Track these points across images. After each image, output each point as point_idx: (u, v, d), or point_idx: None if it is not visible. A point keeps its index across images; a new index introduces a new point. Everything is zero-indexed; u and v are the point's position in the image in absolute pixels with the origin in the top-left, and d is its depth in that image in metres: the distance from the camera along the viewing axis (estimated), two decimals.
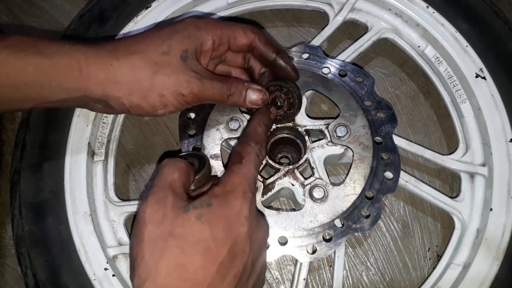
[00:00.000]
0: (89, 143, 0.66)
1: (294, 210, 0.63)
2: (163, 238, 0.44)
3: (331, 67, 0.68)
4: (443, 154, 0.67)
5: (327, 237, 0.60)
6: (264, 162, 0.63)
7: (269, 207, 0.62)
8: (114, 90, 0.52)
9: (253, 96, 0.58)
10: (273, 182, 0.62)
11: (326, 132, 0.65)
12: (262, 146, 0.56)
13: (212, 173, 0.61)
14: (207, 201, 0.47)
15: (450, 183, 0.70)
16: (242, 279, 0.47)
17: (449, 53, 0.69)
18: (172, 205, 0.45)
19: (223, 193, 0.48)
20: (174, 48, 0.53)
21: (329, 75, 0.67)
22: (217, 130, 0.65)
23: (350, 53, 0.71)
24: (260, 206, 0.61)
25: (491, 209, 0.62)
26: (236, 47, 0.58)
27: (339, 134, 0.64)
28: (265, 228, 0.54)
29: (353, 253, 0.68)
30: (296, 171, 0.63)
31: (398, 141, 0.65)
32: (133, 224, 0.49)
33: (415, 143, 0.67)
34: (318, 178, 0.62)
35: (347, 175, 0.62)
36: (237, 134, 0.65)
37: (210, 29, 0.56)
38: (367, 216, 0.60)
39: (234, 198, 0.48)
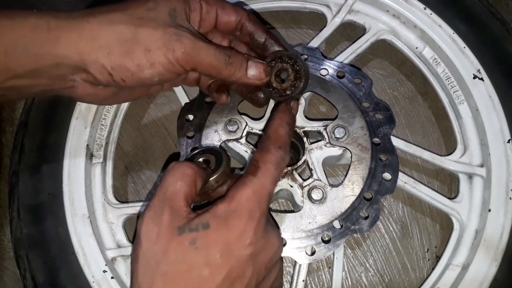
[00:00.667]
0: (87, 145, 0.66)
1: (292, 211, 0.63)
2: (156, 261, 0.41)
3: (329, 68, 0.68)
4: (441, 155, 0.67)
5: (326, 239, 0.60)
6: None
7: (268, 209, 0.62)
8: (91, 49, 0.45)
9: (254, 68, 0.51)
10: None
11: (324, 133, 0.65)
12: (286, 152, 0.49)
13: None
14: (205, 223, 0.42)
15: (449, 184, 0.70)
16: None
17: (446, 54, 0.69)
18: (168, 224, 0.42)
19: (225, 211, 0.43)
20: (160, 4, 0.47)
21: (327, 77, 0.67)
22: (215, 131, 0.65)
23: (348, 55, 0.71)
24: None
25: (489, 210, 0.62)
26: (224, 22, 0.53)
27: (338, 136, 0.64)
28: (276, 246, 0.47)
29: (352, 254, 0.68)
30: (294, 172, 0.63)
31: (396, 142, 0.66)
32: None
33: (414, 144, 0.67)
34: (316, 180, 0.62)
35: (345, 176, 0.62)
36: (236, 136, 0.65)
37: None
38: (366, 217, 0.60)
39: (237, 219, 0.43)
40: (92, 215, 0.64)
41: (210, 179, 0.48)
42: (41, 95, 0.51)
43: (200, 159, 0.51)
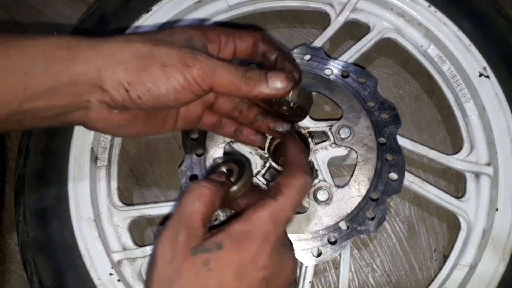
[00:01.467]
0: (92, 148, 0.66)
1: (298, 213, 0.62)
2: (170, 281, 0.42)
3: (333, 68, 0.68)
4: (448, 154, 0.66)
5: (332, 240, 0.60)
6: (267, 165, 0.63)
7: None
8: (108, 65, 0.45)
9: (275, 77, 0.48)
10: None
11: (329, 133, 0.64)
12: (310, 177, 0.49)
13: None
14: (219, 243, 0.42)
15: (456, 183, 0.70)
16: None
17: (452, 52, 0.68)
18: (183, 245, 0.42)
19: (240, 232, 0.43)
20: (177, 31, 0.48)
21: (332, 76, 0.67)
22: None
23: (352, 54, 0.71)
24: None
25: (497, 209, 0.61)
26: (243, 50, 0.53)
27: (343, 136, 0.64)
28: (290, 270, 0.47)
29: (358, 255, 0.68)
30: None
31: (402, 141, 0.65)
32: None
33: (420, 143, 0.67)
34: (322, 180, 0.62)
35: (351, 177, 0.62)
36: None
37: (215, 27, 0.53)
38: (372, 218, 0.60)
39: (251, 241, 0.43)
40: (98, 218, 0.64)
41: (231, 189, 0.48)
42: (54, 123, 0.48)
43: (223, 168, 0.52)
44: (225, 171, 0.52)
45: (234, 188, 0.48)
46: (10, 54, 0.43)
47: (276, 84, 0.48)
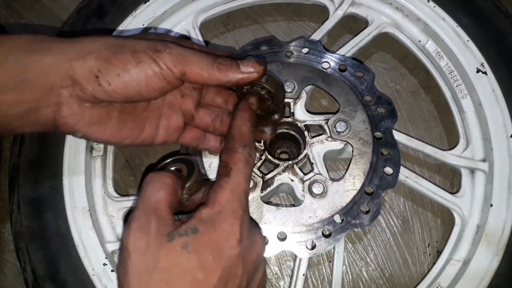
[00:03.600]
0: None
1: (293, 205, 0.62)
2: (147, 270, 0.41)
3: (331, 61, 0.67)
4: (443, 150, 0.66)
5: (327, 233, 0.60)
6: (263, 157, 0.63)
7: (268, 203, 0.62)
8: (79, 55, 0.45)
9: (246, 63, 0.50)
10: (272, 177, 0.62)
11: (325, 127, 0.64)
12: (252, 149, 0.49)
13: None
14: (193, 227, 0.43)
15: (451, 179, 0.70)
16: None
17: (450, 48, 0.68)
18: (156, 233, 0.42)
19: (210, 215, 0.44)
20: (149, 34, 0.53)
21: (329, 70, 0.67)
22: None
23: (350, 48, 0.71)
24: (259, 202, 0.60)
25: (491, 205, 0.61)
26: None
27: (339, 129, 0.64)
28: (260, 244, 0.49)
29: (352, 248, 0.68)
30: (295, 166, 0.62)
31: (398, 136, 0.65)
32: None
33: (415, 138, 0.67)
34: (317, 174, 0.62)
35: (346, 170, 0.62)
36: None
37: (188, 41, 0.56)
38: (367, 212, 0.60)
39: (223, 221, 0.44)
40: (92, 208, 0.64)
41: (186, 185, 0.48)
42: (25, 122, 0.47)
43: (172, 168, 0.51)
44: (173, 170, 0.51)
45: (187, 185, 0.48)
46: None
47: (248, 68, 0.50)
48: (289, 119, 0.65)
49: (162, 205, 0.44)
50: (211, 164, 0.63)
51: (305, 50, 0.68)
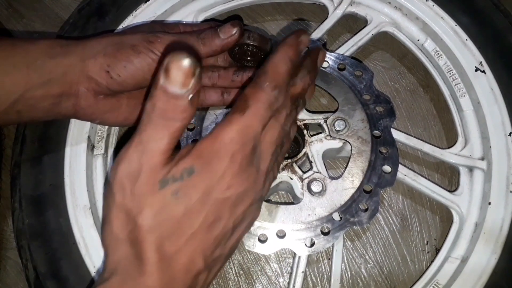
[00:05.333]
0: (88, 136, 0.66)
1: (292, 203, 0.63)
2: (130, 217, 0.40)
3: (330, 60, 0.68)
4: (442, 148, 0.67)
5: (326, 231, 0.60)
6: None
7: (268, 201, 0.62)
8: (90, 55, 0.53)
9: (223, 29, 0.55)
10: None
11: (324, 126, 0.65)
12: (282, 94, 0.44)
13: None
14: (190, 168, 0.40)
15: (449, 177, 0.70)
16: (219, 245, 0.43)
17: (448, 47, 0.68)
18: (149, 181, 0.39)
19: (209, 153, 0.41)
20: (141, 25, 0.60)
21: (328, 69, 0.67)
22: (215, 124, 0.65)
23: (349, 47, 0.71)
24: None
25: (489, 203, 0.62)
26: None
27: (338, 128, 0.64)
28: (256, 190, 0.45)
29: (351, 246, 0.69)
30: (294, 165, 0.63)
31: (396, 135, 0.66)
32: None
33: (414, 136, 0.67)
34: (316, 172, 0.62)
35: (345, 169, 0.62)
36: None
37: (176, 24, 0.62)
38: (365, 210, 0.60)
39: (219, 161, 0.41)
40: (94, 206, 0.64)
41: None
42: (49, 114, 0.55)
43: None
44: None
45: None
46: (16, 53, 0.52)
47: (226, 33, 0.55)
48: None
49: (159, 152, 0.40)
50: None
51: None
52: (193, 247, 0.41)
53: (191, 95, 0.38)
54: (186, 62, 0.37)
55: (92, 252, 0.62)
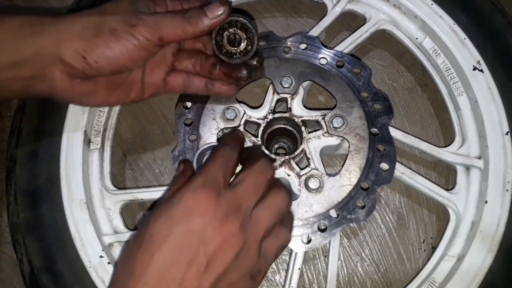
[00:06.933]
0: (85, 131, 0.66)
1: None
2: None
3: (328, 57, 0.68)
4: (439, 147, 0.67)
5: (322, 227, 0.60)
6: None
7: None
8: (65, 38, 0.49)
9: (211, 8, 0.53)
10: None
11: (322, 123, 0.64)
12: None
13: None
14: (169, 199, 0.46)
15: (446, 176, 0.70)
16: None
17: (447, 46, 0.68)
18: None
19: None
20: (123, 5, 0.53)
21: (327, 66, 0.67)
22: (213, 119, 0.65)
23: (347, 44, 0.71)
24: None
25: (486, 202, 0.62)
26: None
27: (336, 125, 0.64)
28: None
29: (348, 244, 0.68)
30: (292, 161, 0.63)
31: (394, 132, 0.66)
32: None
33: (412, 135, 0.67)
34: (313, 169, 0.62)
35: (342, 166, 0.62)
36: (234, 124, 0.65)
37: None
38: (362, 207, 0.60)
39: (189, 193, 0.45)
40: (89, 201, 0.64)
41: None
42: (23, 93, 0.53)
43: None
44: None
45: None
46: None
47: (214, 12, 0.52)
48: (286, 115, 0.65)
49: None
50: None
51: (303, 45, 0.69)
52: None
53: None
54: None
55: (87, 247, 0.61)
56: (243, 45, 0.56)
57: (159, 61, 0.58)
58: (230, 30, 0.55)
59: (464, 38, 0.68)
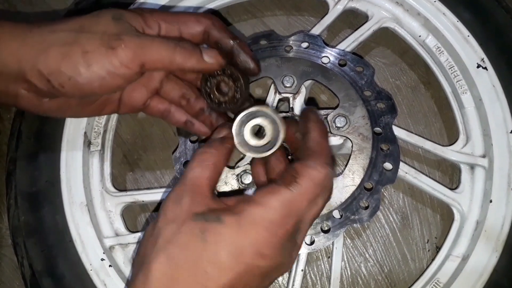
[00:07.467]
0: (85, 132, 0.65)
1: None
2: (166, 240, 0.41)
3: (330, 56, 0.67)
4: (443, 145, 0.66)
5: (326, 228, 0.59)
6: None
7: None
8: (29, 56, 0.43)
9: (209, 52, 0.49)
10: None
11: (325, 122, 0.64)
12: (333, 170, 0.49)
13: None
14: (218, 216, 0.41)
15: (450, 175, 0.70)
16: None
17: (450, 43, 0.68)
18: (187, 208, 0.42)
19: (242, 213, 0.41)
20: (105, 11, 0.46)
21: (329, 65, 0.66)
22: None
23: (350, 43, 0.70)
24: None
25: (490, 201, 0.61)
26: (189, 37, 0.50)
27: (338, 125, 0.63)
28: (288, 266, 0.46)
29: (351, 244, 0.68)
30: None
31: (398, 132, 0.65)
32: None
33: (415, 134, 0.67)
34: None
35: (346, 166, 0.62)
36: None
37: (156, 13, 0.49)
38: (366, 207, 0.60)
39: (252, 227, 0.40)
40: (90, 203, 0.64)
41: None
42: None
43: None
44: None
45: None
46: None
47: (210, 59, 0.48)
48: (289, 114, 0.65)
49: (199, 181, 0.45)
50: None
51: (304, 44, 0.68)
52: None
53: None
54: None
55: (88, 250, 0.61)
56: (230, 93, 0.53)
57: (143, 84, 0.52)
58: (218, 78, 0.52)
59: (468, 36, 0.67)
